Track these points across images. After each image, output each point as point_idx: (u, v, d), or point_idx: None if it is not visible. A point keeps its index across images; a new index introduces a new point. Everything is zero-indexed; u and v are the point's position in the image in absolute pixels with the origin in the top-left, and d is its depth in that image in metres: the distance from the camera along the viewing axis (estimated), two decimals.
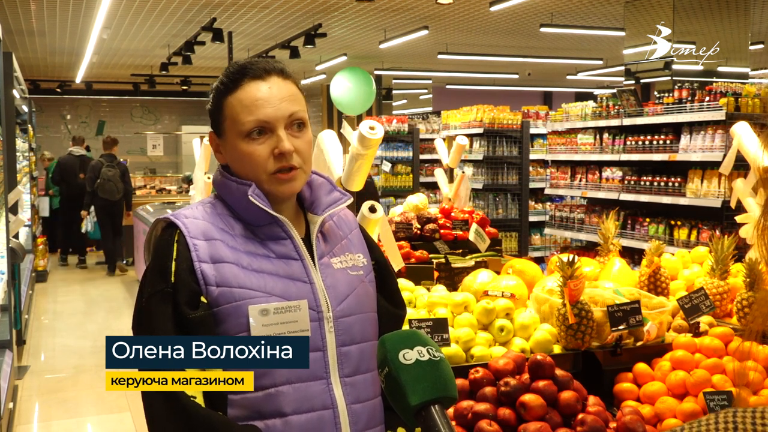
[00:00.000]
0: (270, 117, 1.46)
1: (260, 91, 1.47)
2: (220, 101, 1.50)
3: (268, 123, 1.46)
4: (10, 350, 5.47)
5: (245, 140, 1.47)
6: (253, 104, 1.46)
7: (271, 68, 1.50)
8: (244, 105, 1.46)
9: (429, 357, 1.22)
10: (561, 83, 19.09)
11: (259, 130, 1.46)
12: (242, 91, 1.47)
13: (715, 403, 2.11)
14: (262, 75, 1.48)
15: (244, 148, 1.47)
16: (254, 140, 1.46)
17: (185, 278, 1.40)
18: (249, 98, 1.46)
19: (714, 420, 0.74)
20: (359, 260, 1.59)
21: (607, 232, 3.12)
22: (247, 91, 1.47)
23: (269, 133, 1.47)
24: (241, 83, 1.48)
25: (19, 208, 7.51)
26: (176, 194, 14.44)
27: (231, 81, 1.49)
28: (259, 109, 1.46)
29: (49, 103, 17.95)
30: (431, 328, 2.24)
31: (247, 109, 1.46)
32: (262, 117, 1.46)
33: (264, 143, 1.47)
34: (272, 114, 1.46)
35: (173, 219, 1.47)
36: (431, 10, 10.12)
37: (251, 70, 1.49)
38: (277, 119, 1.46)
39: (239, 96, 1.47)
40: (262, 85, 1.47)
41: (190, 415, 1.32)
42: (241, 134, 1.47)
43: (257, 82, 1.48)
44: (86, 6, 9.46)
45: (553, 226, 7.62)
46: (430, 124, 10.53)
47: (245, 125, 1.46)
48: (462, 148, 5.05)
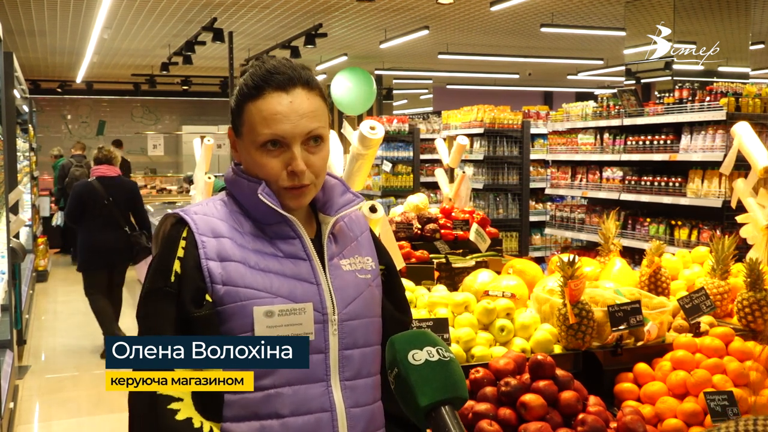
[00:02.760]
0: (287, 133, 1.43)
1: (281, 105, 1.43)
2: (242, 104, 1.47)
3: (284, 139, 1.44)
4: (10, 350, 5.47)
5: (259, 150, 1.45)
6: (272, 117, 1.43)
7: (297, 79, 1.46)
8: (263, 116, 1.43)
9: (439, 357, 1.22)
10: (561, 83, 19.09)
11: (273, 143, 1.44)
12: (263, 101, 1.44)
13: (715, 403, 2.11)
14: (286, 87, 1.44)
15: (258, 158, 1.45)
16: (269, 152, 1.45)
17: (192, 275, 1.40)
18: (268, 110, 1.43)
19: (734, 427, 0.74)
20: (368, 263, 1.58)
21: (608, 232, 3.12)
22: (268, 101, 1.44)
23: (284, 147, 1.45)
24: (264, 92, 1.44)
25: (20, 208, 7.51)
26: (177, 194, 14.45)
27: (254, 87, 1.45)
28: (277, 123, 1.43)
29: (49, 103, 17.97)
30: (432, 328, 2.23)
31: (264, 122, 1.43)
32: (279, 132, 1.43)
33: (278, 157, 1.45)
34: (289, 131, 1.43)
35: (183, 215, 1.46)
36: (432, 10, 10.12)
37: (276, 78, 1.44)
38: (294, 136, 1.44)
39: (260, 106, 1.44)
40: (285, 98, 1.44)
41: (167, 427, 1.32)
42: (255, 144, 1.45)
43: (280, 94, 1.44)
44: (87, 6, 9.47)
45: (554, 226, 7.62)
46: (431, 124, 10.53)
47: (260, 137, 1.44)
48: (462, 148, 5.05)
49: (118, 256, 6.55)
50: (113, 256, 6.52)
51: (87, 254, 6.53)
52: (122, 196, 6.56)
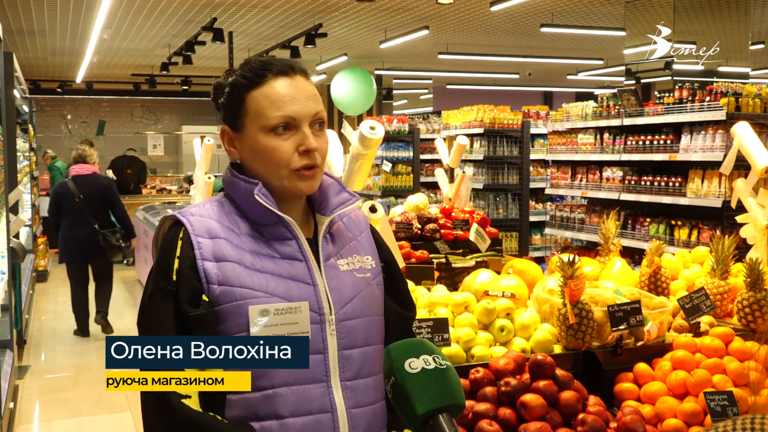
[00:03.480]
0: (297, 114, 1.46)
1: (287, 87, 1.47)
2: (241, 95, 1.49)
3: (295, 120, 1.46)
4: (10, 350, 5.47)
5: (269, 135, 1.46)
6: (281, 100, 1.46)
7: (296, 67, 1.51)
8: (271, 100, 1.46)
9: (435, 365, 1.21)
10: (561, 83, 19.09)
11: (285, 126, 1.46)
12: (268, 86, 1.47)
13: (715, 403, 2.11)
14: (288, 72, 1.49)
15: (268, 142, 1.46)
16: (279, 135, 1.46)
17: (188, 275, 1.40)
18: (276, 94, 1.46)
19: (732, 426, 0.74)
20: (367, 262, 1.58)
21: (608, 232, 3.11)
22: (273, 86, 1.47)
23: (294, 129, 1.47)
24: (266, 78, 1.47)
25: (20, 208, 7.51)
26: (177, 194, 14.45)
27: (256, 75, 1.48)
28: (286, 105, 1.46)
29: (49, 102, 17.97)
30: (432, 328, 2.23)
31: (274, 104, 1.46)
32: (289, 113, 1.46)
33: (289, 139, 1.46)
34: (299, 111, 1.46)
35: (179, 216, 1.47)
36: (431, 10, 10.12)
37: (276, 65, 1.49)
38: (303, 116, 1.47)
39: (265, 91, 1.47)
40: (289, 81, 1.48)
41: (180, 418, 1.32)
42: (265, 129, 1.46)
43: (283, 78, 1.48)
44: (87, 6, 9.47)
45: (554, 226, 7.62)
46: (431, 124, 10.53)
47: (271, 120, 1.45)
48: (462, 148, 5.05)
49: (89, 251, 6.94)
50: (85, 251, 6.95)
51: (62, 248, 7.06)
52: (95, 194, 6.93)
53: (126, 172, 13.77)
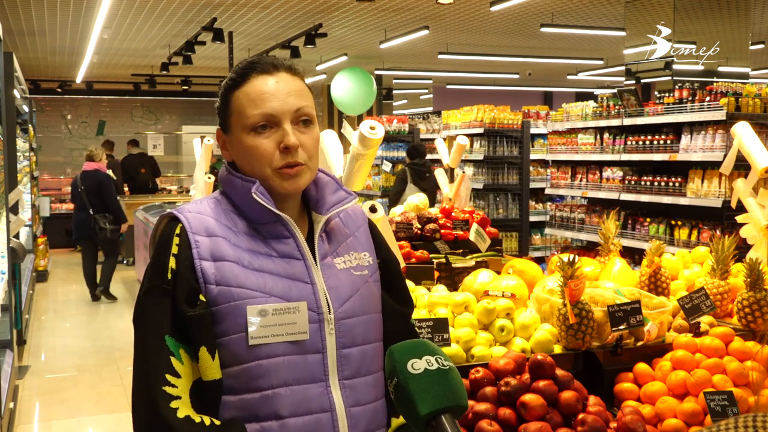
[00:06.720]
0: (276, 110, 1.45)
1: (267, 85, 1.46)
2: (228, 96, 1.49)
3: (274, 117, 1.45)
4: (10, 350, 5.47)
5: (250, 134, 1.46)
6: (260, 97, 1.45)
7: (279, 64, 1.50)
8: (251, 98, 1.46)
9: (438, 366, 1.21)
10: (561, 83, 19.09)
11: (264, 124, 1.45)
12: (249, 85, 1.47)
13: (715, 403, 2.11)
14: (270, 70, 1.48)
15: (250, 141, 1.46)
16: (259, 134, 1.45)
17: (185, 275, 1.39)
18: (255, 92, 1.46)
19: (734, 424, 0.74)
20: (364, 259, 1.57)
21: (608, 232, 3.11)
22: (254, 84, 1.46)
23: (275, 127, 1.46)
24: (249, 77, 1.47)
25: (20, 208, 7.52)
26: (176, 194, 14.45)
27: (239, 76, 1.48)
28: (265, 102, 1.45)
29: (49, 102, 17.95)
30: (432, 328, 2.23)
31: (253, 103, 1.45)
32: (268, 110, 1.45)
33: (269, 137, 1.45)
34: (278, 108, 1.45)
35: (176, 213, 1.46)
36: (431, 10, 10.12)
37: (259, 65, 1.49)
38: (283, 113, 1.45)
39: (246, 90, 1.47)
40: (270, 79, 1.47)
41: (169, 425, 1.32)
42: (246, 128, 1.46)
43: (265, 77, 1.47)
44: (87, 6, 9.47)
45: (554, 226, 7.62)
46: (431, 124, 10.54)
47: (251, 118, 1.45)
48: (462, 148, 5.05)
49: (87, 231, 8.83)
50: (83, 230, 8.86)
51: (72, 227, 9.13)
52: (93, 186, 8.74)
53: (140, 172, 13.66)
